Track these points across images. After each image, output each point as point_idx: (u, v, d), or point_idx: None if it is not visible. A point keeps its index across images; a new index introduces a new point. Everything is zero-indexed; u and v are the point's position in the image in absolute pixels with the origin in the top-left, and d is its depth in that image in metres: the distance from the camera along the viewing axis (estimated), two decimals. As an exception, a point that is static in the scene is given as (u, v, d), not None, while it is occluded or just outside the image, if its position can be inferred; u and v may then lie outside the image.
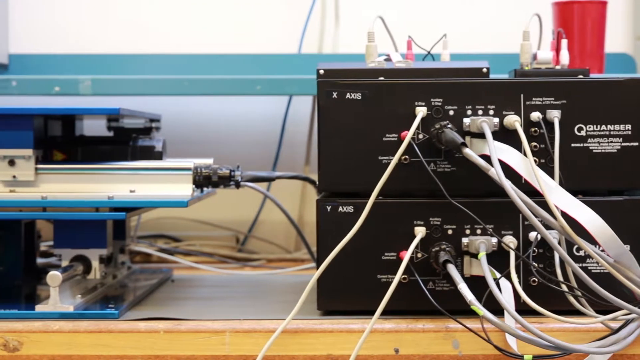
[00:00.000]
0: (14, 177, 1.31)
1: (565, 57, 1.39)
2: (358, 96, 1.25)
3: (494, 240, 1.23)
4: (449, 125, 1.22)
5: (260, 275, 1.69)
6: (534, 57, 1.39)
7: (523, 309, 1.17)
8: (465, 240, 1.23)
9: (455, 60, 1.39)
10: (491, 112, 1.24)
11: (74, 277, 1.32)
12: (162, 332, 1.21)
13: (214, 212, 1.93)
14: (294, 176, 1.46)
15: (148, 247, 1.82)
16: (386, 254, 1.25)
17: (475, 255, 1.23)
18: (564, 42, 1.40)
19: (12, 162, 1.30)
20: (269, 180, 1.44)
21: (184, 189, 1.32)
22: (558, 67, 1.38)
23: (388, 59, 1.39)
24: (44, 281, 1.53)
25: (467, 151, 1.18)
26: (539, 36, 1.57)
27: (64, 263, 1.36)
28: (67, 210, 1.30)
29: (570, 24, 1.71)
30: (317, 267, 1.24)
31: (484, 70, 1.35)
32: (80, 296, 1.30)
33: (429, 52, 1.44)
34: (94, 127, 1.63)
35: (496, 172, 1.15)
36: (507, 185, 1.14)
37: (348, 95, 1.25)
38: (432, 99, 1.24)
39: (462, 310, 1.19)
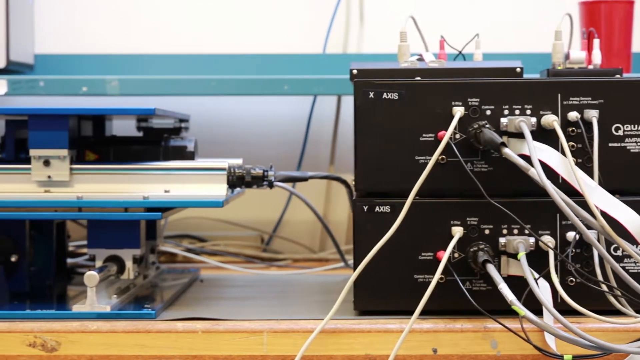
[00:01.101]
0: (49, 177, 1.31)
1: (597, 57, 1.39)
2: (395, 96, 1.25)
3: (532, 240, 1.22)
4: (487, 125, 1.22)
5: (288, 275, 1.69)
6: (566, 56, 1.39)
7: (560, 309, 1.17)
8: (502, 240, 1.23)
9: (488, 60, 1.39)
10: (528, 111, 1.24)
11: (108, 277, 1.32)
12: (200, 332, 1.21)
13: (238, 212, 1.93)
14: (326, 176, 1.46)
15: (174, 247, 1.82)
16: (423, 253, 1.25)
17: (512, 255, 1.23)
18: (596, 42, 1.40)
19: (47, 163, 1.30)
20: (302, 180, 1.43)
21: (219, 189, 1.32)
22: (590, 66, 1.38)
23: (421, 59, 1.39)
24: (74, 281, 1.54)
25: (507, 151, 1.18)
26: (570, 36, 1.57)
27: (98, 263, 1.36)
28: (102, 211, 1.30)
29: (597, 23, 1.71)
30: (354, 268, 1.24)
31: (518, 70, 1.35)
32: (116, 296, 1.30)
33: (460, 52, 1.44)
34: (122, 127, 1.63)
35: (537, 173, 1.15)
36: (549, 185, 1.14)
37: (385, 95, 1.25)
38: (469, 99, 1.24)
39: (499, 310, 1.20)
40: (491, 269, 1.19)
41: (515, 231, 1.24)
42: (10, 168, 1.32)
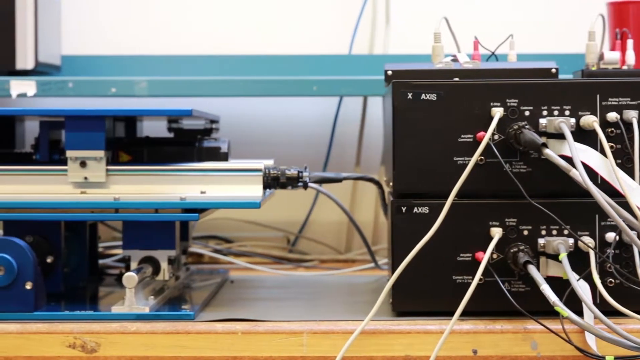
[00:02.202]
0: (86, 178, 1.31)
1: (631, 57, 1.39)
2: (433, 97, 1.25)
3: (571, 241, 1.22)
4: (527, 126, 1.21)
5: (317, 276, 1.69)
6: (600, 57, 1.39)
7: (600, 311, 1.17)
8: (541, 241, 1.23)
9: (522, 61, 1.39)
10: (567, 112, 1.24)
11: (144, 278, 1.32)
12: (240, 333, 1.21)
13: (263, 213, 1.92)
14: (360, 177, 1.46)
15: (202, 247, 1.82)
16: (461, 254, 1.25)
17: (550, 256, 1.23)
18: (630, 42, 1.40)
19: (83, 164, 1.30)
20: (336, 181, 1.43)
21: (255, 190, 1.32)
22: (625, 67, 1.38)
23: (455, 60, 1.39)
24: (105, 282, 1.54)
25: (548, 152, 1.18)
26: (602, 36, 1.57)
27: (133, 264, 1.36)
28: (138, 212, 1.30)
29: (625, 24, 1.70)
30: (392, 269, 1.24)
31: (553, 70, 1.35)
32: (153, 297, 1.30)
33: (493, 53, 1.44)
34: (152, 128, 1.63)
35: (579, 174, 1.15)
36: (592, 186, 1.14)
37: (423, 96, 1.25)
38: (507, 100, 1.24)
39: (537, 311, 1.20)
40: (533, 270, 1.18)
41: (554, 232, 1.24)
42: (46, 169, 1.31)
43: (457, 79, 1.27)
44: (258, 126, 1.94)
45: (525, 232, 1.24)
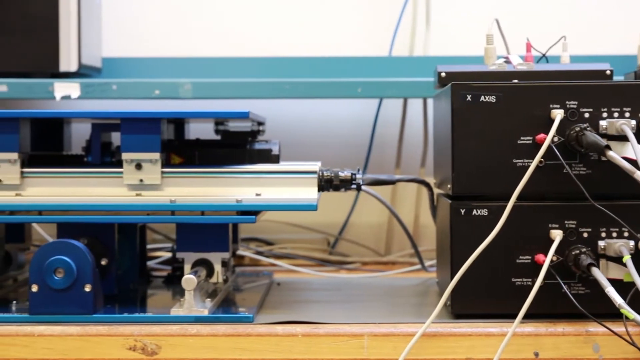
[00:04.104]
0: (141, 180, 1.30)
1: (684, 59, 1.39)
2: (492, 99, 1.24)
3: (632, 243, 1.22)
4: (589, 128, 1.21)
5: (363, 278, 1.69)
6: (652, 58, 1.39)
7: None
8: (602, 243, 1.23)
9: (575, 63, 1.39)
10: (627, 114, 1.23)
11: (200, 281, 1.32)
12: (300, 336, 1.21)
13: (303, 215, 1.93)
14: (412, 179, 1.46)
15: (245, 249, 1.82)
16: (521, 257, 1.24)
17: (611, 258, 1.23)
18: (682, 44, 1.40)
19: (139, 166, 1.30)
20: (390, 183, 1.43)
21: (310, 192, 1.32)
22: (679, 68, 1.38)
23: (507, 61, 1.39)
24: (154, 284, 1.54)
25: (611, 154, 1.18)
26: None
27: (187, 267, 1.35)
28: (193, 214, 1.30)
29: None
30: (452, 271, 1.24)
31: (607, 72, 1.34)
32: (209, 300, 1.30)
33: (544, 55, 1.44)
34: (197, 131, 1.63)
35: (644, 175, 1.15)
36: (657, 188, 1.14)
37: (482, 98, 1.24)
38: (567, 102, 1.24)
39: (598, 314, 1.19)
40: (597, 272, 1.18)
41: (614, 234, 1.23)
42: (101, 171, 1.31)
43: (516, 80, 1.26)
44: (296, 128, 1.94)
45: (585, 235, 1.24)
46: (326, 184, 1.37)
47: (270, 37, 1.96)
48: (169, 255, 1.77)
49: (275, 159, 1.43)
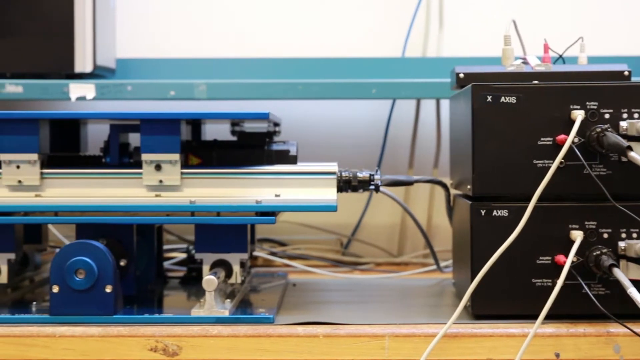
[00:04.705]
0: (161, 181, 1.30)
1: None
2: (513, 100, 1.25)
3: (652, 244, 1.23)
4: (610, 129, 1.21)
5: (378, 279, 1.69)
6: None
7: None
8: (622, 244, 1.23)
9: (592, 64, 1.39)
10: (646, 115, 1.24)
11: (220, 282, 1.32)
12: (321, 337, 1.21)
13: (316, 216, 1.93)
14: (430, 180, 1.46)
15: (259, 250, 1.82)
16: (541, 258, 1.24)
17: (631, 259, 1.23)
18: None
19: (158, 167, 1.30)
20: (408, 184, 1.43)
21: (329, 193, 1.32)
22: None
23: (525, 62, 1.39)
24: (170, 285, 1.55)
25: (633, 155, 1.18)
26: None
27: (205, 267, 1.36)
28: (213, 215, 1.30)
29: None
30: (472, 272, 1.24)
31: (626, 73, 1.34)
32: (229, 301, 1.30)
33: (560, 56, 1.44)
34: (213, 131, 1.64)
35: (667, 176, 1.15)
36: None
37: (503, 99, 1.25)
38: (587, 102, 1.24)
39: (619, 315, 1.20)
40: (618, 273, 1.18)
41: (634, 235, 1.24)
42: (120, 172, 1.31)
43: (536, 81, 1.26)
44: (309, 129, 1.94)
45: (605, 235, 1.24)
46: (344, 185, 1.37)
47: (283, 39, 1.96)
48: (183, 256, 1.77)
49: (293, 160, 1.42)
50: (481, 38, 1.89)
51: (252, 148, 1.43)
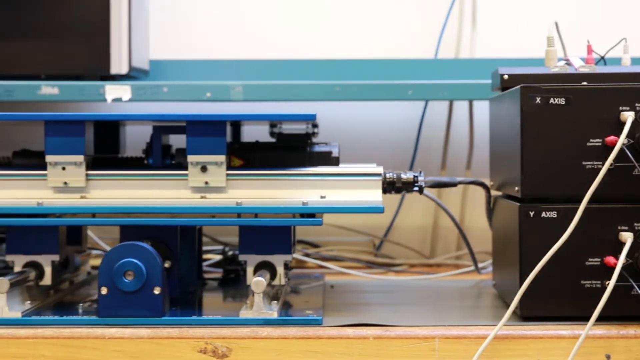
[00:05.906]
0: (206, 183, 1.30)
1: None
2: (562, 101, 1.24)
3: (702, 245, 1.22)
4: (661, 130, 1.21)
5: (414, 280, 1.68)
6: None
7: None
8: (671, 245, 1.23)
9: (636, 65, 1.39)
10: (696, 116, 1.23)
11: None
12: (372, 338, 1.20)
13: (348, 217, 1.93)
14: (472, 181, 1.46)
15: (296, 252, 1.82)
16: (590, 259, 1.24)
17: (680, 261, 1.23)
18: None
19: (204, 168, 1.30)
20: (451, 185, 1.43)
21: (374, 194, 1.32)
22: None
23: (568, 64, 1.39)
24: (209, 286, 1.54)
25: (685, 156, 1.18)
26: None
27: (250, 269, 1.35)
28: (259, 216, 1.30)
29: None
30: (521, 274, 1.24)
31: (671, 74, 1.34)
32: (275, 302, 1.30)
33: (602, 57, 1.44)
34: (249, 133, 1.63)
35: None
36: None
37: (552, 101, 1.24)
38: (636, 104, 1.23)
39: (668, 317, 1.20)
40: (670, 274, 1.18)
41: (683, 236, 1.24)
42: (165, 174, 1.31)
43: (585, 83, 1.26)
44: (342, 130, 1.94)
45: (655, 237, 1.24)
46: (389, 186, 1.37)
47: (312, 40, 1.95)
48: (217, 257, 1.77)
49: (336, 162, 1.42)
50: (515, 39, 1.89)
51: (294, 149, 1.43)
